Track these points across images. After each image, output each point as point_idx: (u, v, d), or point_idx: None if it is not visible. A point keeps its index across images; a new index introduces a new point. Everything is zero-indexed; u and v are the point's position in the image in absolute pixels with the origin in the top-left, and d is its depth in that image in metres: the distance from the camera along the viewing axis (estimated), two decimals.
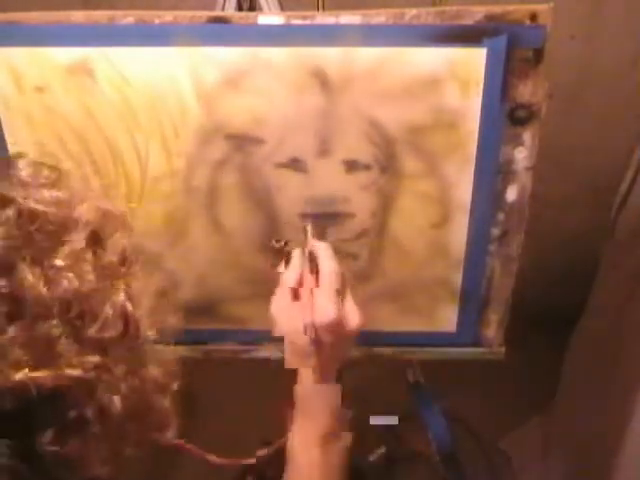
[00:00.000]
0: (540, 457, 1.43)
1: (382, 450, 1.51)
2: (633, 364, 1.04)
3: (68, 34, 0.69)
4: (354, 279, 0.83)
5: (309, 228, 0.73)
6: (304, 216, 0.78)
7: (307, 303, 0.62)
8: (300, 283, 0.65)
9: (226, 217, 0.79)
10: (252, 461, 0.69)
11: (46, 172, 0.46)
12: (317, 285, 0.64)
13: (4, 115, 0.73)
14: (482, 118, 0.72)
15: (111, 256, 0.44)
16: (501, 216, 0.78)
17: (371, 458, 1.50)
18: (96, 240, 0.43)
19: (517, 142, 0.74)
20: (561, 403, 1.40)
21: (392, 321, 0.86)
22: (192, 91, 0.72)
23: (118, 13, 0.68)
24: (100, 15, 0.69)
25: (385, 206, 0.78)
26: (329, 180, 0.76)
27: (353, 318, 0.63)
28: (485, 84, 0.70)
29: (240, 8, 0.90)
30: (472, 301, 0.84)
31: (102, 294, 0.42)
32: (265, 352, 0.89)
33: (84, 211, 0.44)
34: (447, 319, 0.86)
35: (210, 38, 0.69)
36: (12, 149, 0.75)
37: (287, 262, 0.69)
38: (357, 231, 0.80)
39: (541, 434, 1.47)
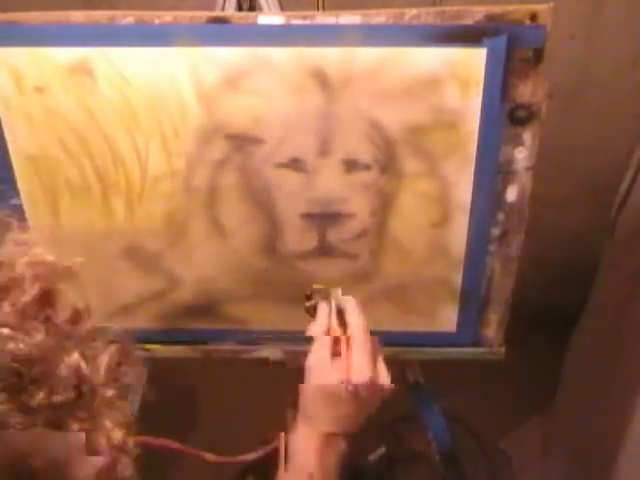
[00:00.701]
0: (540, 457, 1.43)
1: (382, 450, 1.51)
2: (633, 364, 1.04)
3: (68, 34, 0.69)
4: (354, 279, 0.83)
5: (335, 293, 0.72)
6: (305, 217, 0.78)
7: (344, 361, 0.63)
8: (328, 334, 0.66)
9: (226, 217, 0.79)
10: (251, 457, 0.69)
11: None
12: (347, 338, 0.65)
13: (4, 115, 0.73)
14: (482, 118, 0.72)
15: (61, 314, 0.41)
16: (501, 216, 0.78)
17: (371, 458, 1.50)
18: (43, 298, 0.40)
19: (517, 142, 0.74)
20: (561, 403, 1.40)
21: (392, 321, 0.86)
22: (192, 91, 0.72)
23: (118, 13, 0.68)
24: (100, 15, 0.69)
25: (385, 206, 0.78)
26: (329, 180, 0.76)
27: (384, 379, 0.65)
28: (485, 84, 0.70)
29: (240, 8, 0.90)
30: (472, 301, 0.84)
31: (54, 355, 0.39)
32: (265, 352, 0.89)
33: (27, 267, 0.40)
34: (447, 319, 0.86)
35: (210, 38, 0.69)
36: (12, 148, 0.75)
37: (313, 314, 0.70)
38: (357, 231, 0.80)
39: (541, 434, 1.47)
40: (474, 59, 0.69)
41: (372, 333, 0.65)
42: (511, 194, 0.77)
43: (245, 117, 0.73)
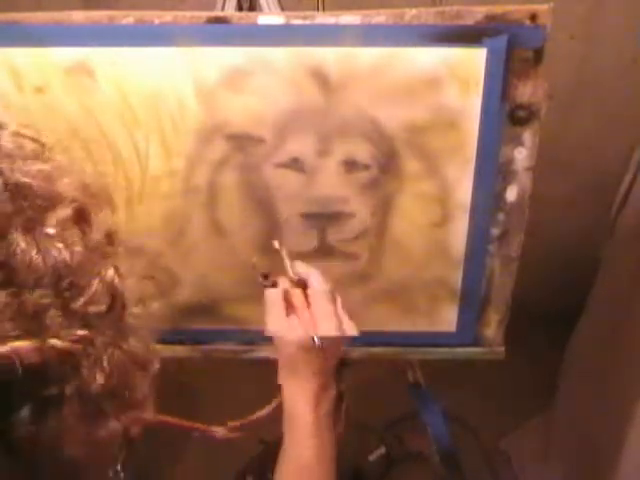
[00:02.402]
0: (540, 457, 1.43)
1: (382, 450, 1.51)
2: (633, 364, 1.04)
3: (68, 34, 0.69)
4: (354, 279, 0.83)
5: (280, 249, 0.73)
6: (305, 217, 0.78)
7: (307, 318, 0.65)
8: (287, 300, 0.67)
9: (226, 217, 0.79)
10: (263, 413, 0.71)
11: (30, 144, 0.45)
12: (308, 302, 0.67)
13: (4, 115, 0.73)
14: (482, 118, 0.72)
15: (97, 233, 0.44)
16: (501, 216, 0.78)
17: (371, 458, 1.50)
18: (82, 216, 0.43)
19: (517, 142, 0.74)
20: (561, 403, 1.41)
21: (392, 321, 0.86)
22: (192, 91, 0.72)
23: (118, 13, 0.68)
24: (100, 15, 0.69)
25: (385, 206, 0.78)
26: (329, 180, 0.76)
27: (349, 328, 0.67)
28: (485, 84, 0.70)
29: (240, 8, 0.90)
30: (472, 301, 0.84)
31: (91, 268, 0.42)
32: (265, 352, 0.89)
33: (69, 186, 0.43)
34: (447, 319, 0.86)
35: (210, 38, 0.69)
36: None
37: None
38: (357, 231, 0.80)
39: (541, 434, 1.47)
40: (474, 59, 0.69)
41: (372, 333, 0.66)
42: (511, 194, 0.77)
43: (245, 117, 0.73)
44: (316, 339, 0.63)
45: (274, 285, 0.69)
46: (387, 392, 1.34)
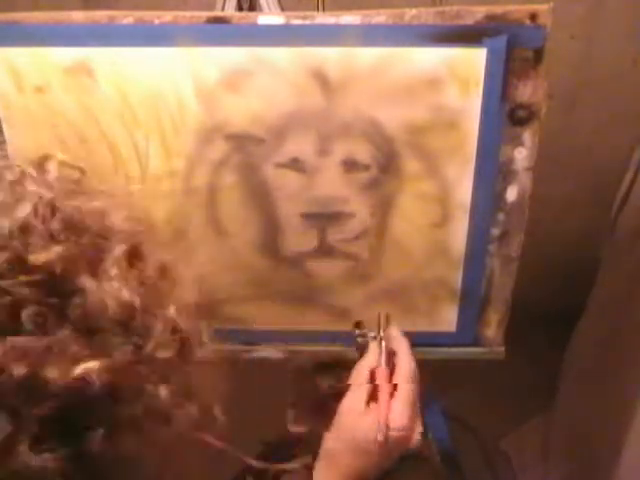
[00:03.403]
0: (540, 457, 1.43)
1: None
2: (633, 364, 1.04)
3: (68, 34, 0.69)
4: (354, 279, 0.83)
5: (382, 318, 0.70)
6: (305, 217, 0.78)
7: (384, 406, 0.61)
8: (373, 378, 0.64)
9: (226, 217, 0.79)
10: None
11: (75, 174, 0.45)
12: (391, 380, 0.63)
13: (4, 115, 0.73)
14: (482, 118, 0.72)
15: (150, 269, 0.43)
16: (501, 216, 0.78)
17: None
18: (136, 251, 0.42)
19: (517, 142, 0.74)
20: (561, 403, 1.40)
21: (392, 321, 0.86)
22: (192, 91, 0.72)
23: (118, 13, 0.68)
24: (100, 15, 0.69)
25: (385, 206, 0.78)
26: (329, 180, 0.76)
27: (417, 433, 0.63)
28: (485, 84, 0.70)
29: (240, 8, 0.90)
30: (472, 301, 0.84)
31: (152, 308, 0.41)
32: (265, 352, 0.89)
33: (119, 220, 0.42)
34: (447, 319, 0.86)
35: (210, 38, 0.69)
36: (12, 149, 0.75)
37: (362, 353, 0.68)
38: (357, 231, 0.80)
39: (541, 434, 1.47)
40: (474, 59, 0.69)
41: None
42: (511, 194, 0.77)
43: (245, 117, 0.73)
44: (379, 432, 0.58)
45: (364, 344, 0.66)
46: None
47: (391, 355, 0.66)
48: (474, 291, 0.83)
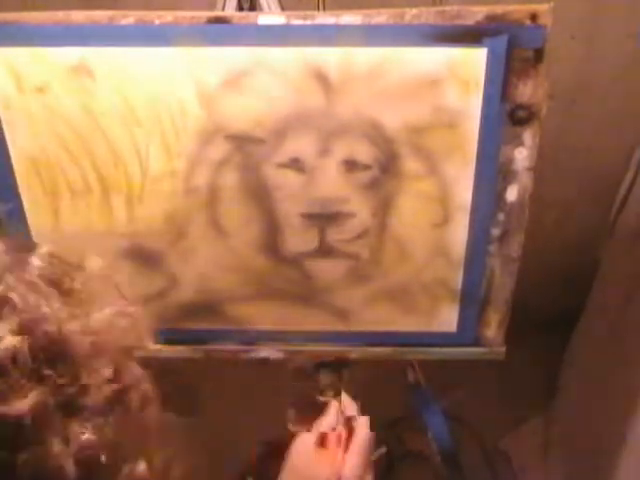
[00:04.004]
0: (540, 457, 1.43)
1: (382, 450, 1.51)
2: (633, 364, 1.04)
3: (68, 34, 0.69)
4: (354, 279, 0.83)
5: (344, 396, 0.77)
6: (305, 217, 0.78)
7: (339, 456, 0.67)
8: (330, 431, 0.69)
9: (226, 217, 0.79)
10: None
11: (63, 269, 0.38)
12: (347, 444, 0.68)
13: (4, 115, 0.73)
14: (482, 118, 0.72)
15: (134, 402, 0.38)
16: (501, 216, 0.78)
17: (371, 458, 1.50)
18: (119, 396, 0.37)
19: (517, 142, 0.74)
20: (561, 403, 1.41)
21: (392, 321, 0.86)
22: (192, 91, 0.72)
23: (118, 13, 0.68)
24: (100, 15, 0.69)
25: (385, 206, 0.78)
26: (329, 180, 0.76)
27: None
28: (485, 84, 0.70)
29: (240, 8, 0.90)
30: (472, 301, 0.84)
31: (119, 462, 0.36)
32: (265, 352, 0.89)
33: (108, 343, 0.37)
34: (447, 319, 0.86)
35: (210, 38, 0.69)
36: (12, 149, 0.75)
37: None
38: (357, 231, 0.80)
39: (541, 434, 1.47)
40: (474, 59, 0.69)
41: (372, 333, 0.65)
42: (511, 194, 0.77)
43: (245, 117, 0.73)
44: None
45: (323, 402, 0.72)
46: (387, 392, 1.33)
47: (349, 423, 0.72)
48: (474, 291, 0.83)
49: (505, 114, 0.72)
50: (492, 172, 0.75)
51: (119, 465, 0.35)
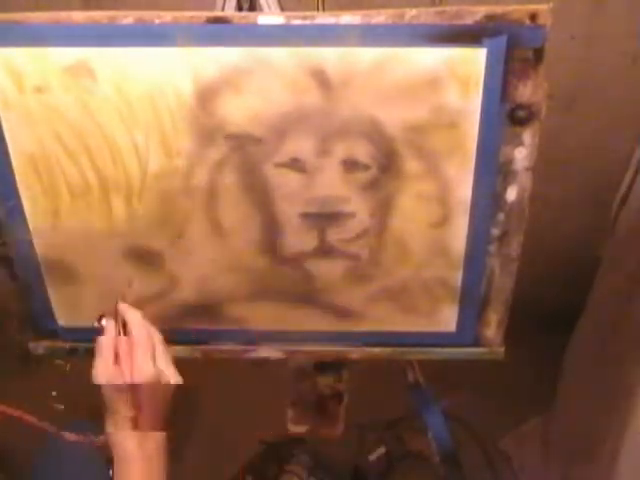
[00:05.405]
0: (540, 457, 1.44)
1: (382, 450, 1.51)
2: (633, 364, 1.04)
3: (68, 34, 0.69)
4: (354, 279, 0.83)
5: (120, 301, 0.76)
6: (305, 217, 0.79)
7: (127, 365, 0.69)
8: (116, 348, 0.71)
9: (225, 217, 0.79)
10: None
11: None
12: (130, 342, 0.70)
13: (4, 115, 0.73)
14: (482, 118, 0.72)
15: None
16: (501, 216, 0.78)
17: (371, 458, 1.50)
18: None
19: (517, 142, 0.74)
20: (561, 403, 1.41)
21: (392, 321, 0.87)
22: (192, 91, 0.72)
23: (118, 13, 0.68)
24: (100, 15, 0.69)
25: (385, 206, 0.78)
26: (329, 180, 0.76)
27: (167, 376, 0.69)
28: (485, 84, 0.70)
29: (240, 8, 0.90)
30: (472, 301, 0.84)
31: None
32: (265, 352, 0.89)
33: None
34: (447, 319, 0.86)
35: (210, 38, 0.69)
36: (12, 148, 0.75)
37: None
38: (357, 231, 0.80)
39: (541, 434, 1.47)
40: (474, 59, 0.69)
41: (372, 333, 0.64)
42: (511, 194, 0.77)
43: (245, 117, 0.73)
44: (125, 390, 0.66)
45: (102, 329, 0.72)
46: (387, 392, 1.34)
47: (125, 325, 0.72)
48: (474, 291, 0.83)
49: (505, 114, 0.72)
50: (492, 172, 0.75)
51: None
